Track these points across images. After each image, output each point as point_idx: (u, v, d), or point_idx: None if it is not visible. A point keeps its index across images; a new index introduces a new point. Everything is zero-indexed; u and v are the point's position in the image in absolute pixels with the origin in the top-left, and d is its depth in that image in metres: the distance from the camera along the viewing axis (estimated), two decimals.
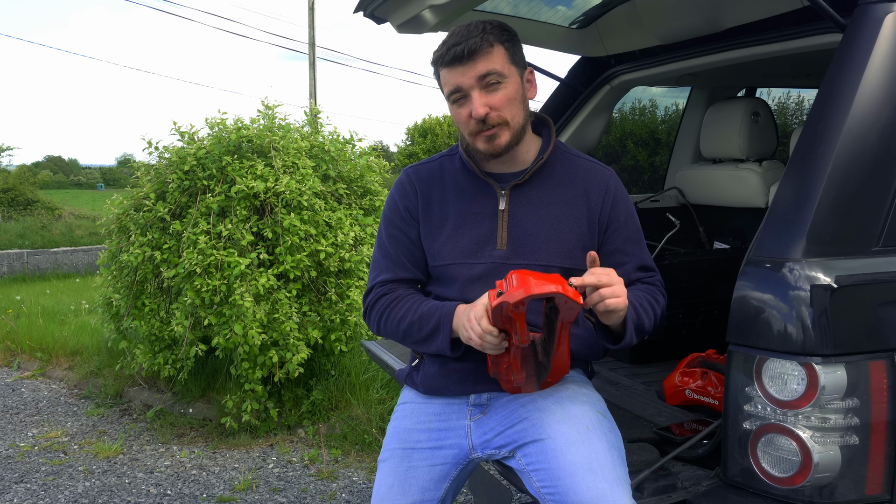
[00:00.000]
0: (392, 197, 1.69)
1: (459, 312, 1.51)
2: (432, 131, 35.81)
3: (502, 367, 1.49)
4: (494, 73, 1.50)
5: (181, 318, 3.74)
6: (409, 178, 1.68)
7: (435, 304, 1.57)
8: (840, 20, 1.60)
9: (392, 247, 1.67)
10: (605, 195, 1.62)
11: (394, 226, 1.67)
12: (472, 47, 1.48)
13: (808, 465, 1.37)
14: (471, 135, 1.55)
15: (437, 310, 1.55)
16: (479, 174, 1.62)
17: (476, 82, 1.50)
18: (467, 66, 1.49)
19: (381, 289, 1.66)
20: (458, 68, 1.50)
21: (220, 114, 4.16)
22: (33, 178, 24.89)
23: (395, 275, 1.66)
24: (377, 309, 1.64)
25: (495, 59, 1.50)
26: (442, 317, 1.53)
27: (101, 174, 78.95)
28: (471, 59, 1.49)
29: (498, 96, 1.51)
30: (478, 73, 1.49)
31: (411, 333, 1.58)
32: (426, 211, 1.64)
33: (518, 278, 1.34)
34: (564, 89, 2.92)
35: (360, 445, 3.76)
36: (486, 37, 1.49)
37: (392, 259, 1.66)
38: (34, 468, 3.64)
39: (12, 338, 6.08)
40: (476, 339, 1.42)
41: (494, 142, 1.54)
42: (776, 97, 4.30)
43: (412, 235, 1.65)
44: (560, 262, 1.57)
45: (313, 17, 19.72)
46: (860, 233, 1.46)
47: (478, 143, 1.55)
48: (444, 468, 1.59)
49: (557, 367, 1.53)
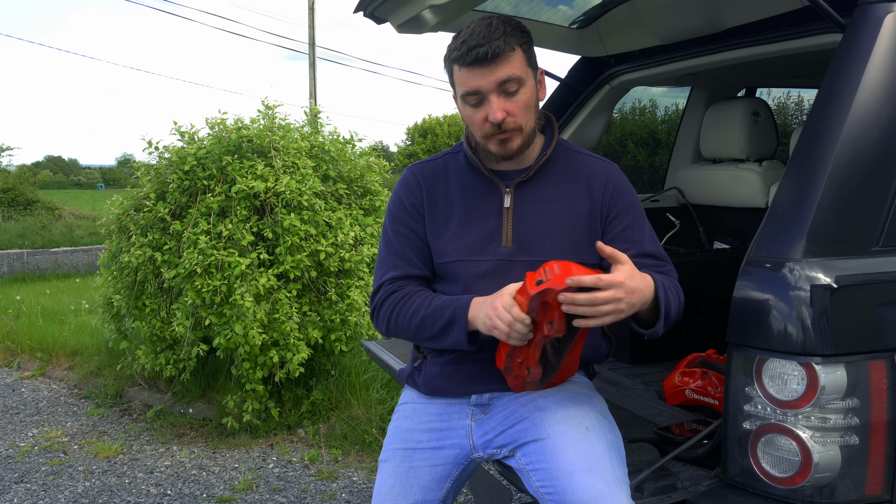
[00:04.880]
0: (397, 194, 1.68)
1: (477, 303, 1.49)
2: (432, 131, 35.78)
3: (516, 361, 1.47)
4: (514, 80, 1.48)
5: (182, 319, 3.74)
6: (414, 175, 1.68)
7: (448, 297, 1.55)
8: (840, 20, 1.60)
9: (399, 243, 1.65)
10: (606, 186, 1.61)
11: (400, 222, 1.65)
12: (496, 51, 1.45)
13: (808, 465, 1.37)
14: (484, 137, 1.55)
15: (452, 302, 1.52)
16: (483, 172, 1.62)
17: (496, 87, 1.48)
18: (488, 69, 1.47)
19: (390, 286, 1.63)
20: (478, 70, 1.47)
21: (220, 114, 4.16)
22: (33, 178, 24.87)
23: (403, 271, 1.63)
24: (387, 306, 1.61)
25: (515, 64, 1.48)
26: (457, 309, 1.50)
27: (101, 174, 78.96)
28: (493, 62, 1.46)
29: (516, 102, 1.50)
30: (499, 78, 1.47)
31: (424, 328, 1.54)
32: (431, 208, 1.63)
33: (561, 267, 1.33)
34: (564, 89, 2.92)
35: (360, 445, 3.76)
36: (509, 39, 1.47)
37: (400, 255, 1.64)
38: (34, 468, 3.64)
39: (12, 338, 6.08)
40: (504, 326, 1.37)
41: (508, 145, 1.54)
42: (776, 97, 4.30)
43: (419, 232, 1.64)
44: (565, 257, 1.56)
45: (313, 17, 19.71)
46: (860, 233, 1.46)
47: (490, 144, 1.55)
48: (445, 468, 1.59)
49: (566, 369, 1.53)
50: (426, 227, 1.63)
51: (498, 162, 1.61)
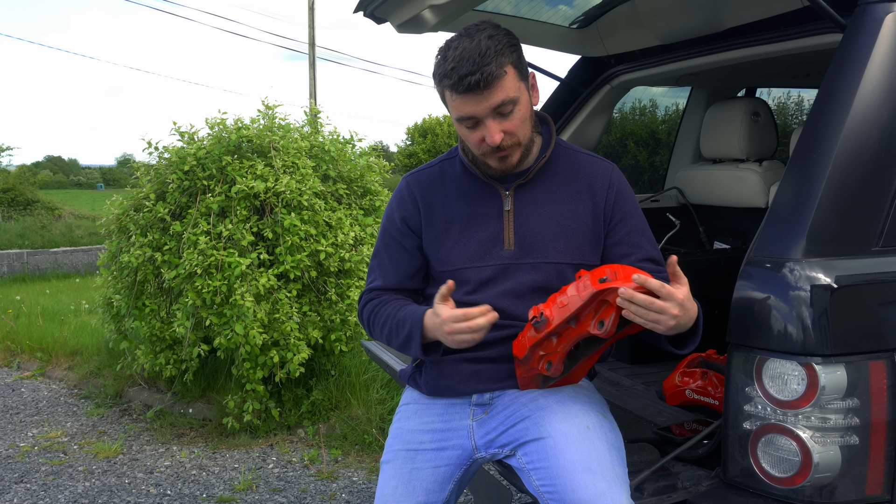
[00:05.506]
0: (390, 206, 1.71)
1: (429, 317, 1.52)
2: (432, 131, 35.79)
3: (538, 353, 1.48)
4: (509, 101, 1.47)
5: (182, 319, 3.74)
6: (409, 187, 1.68)
7: (409, 309, 1.59)
8: (840, 20, 1.61)
9: (387, 255, 1.70)
10: (609, 189, 1.62)
11: (389, 235, 1.69)
12: (488, 78, 1.42)
13: (808, 466, 1.37)
14: (483, 154, 1.55)
15: (410, 316, 1.57)
16: (481, 177, 1.62)
17: (491, 112, 1.47)
18: (482, 95, 1.44)
19: (369, 295, 1.72)
20: (471, 97, 1.45)
21: (220, 114, 4.15)
22: (33, 178, 24.86)
23: (384, 283, 1.70)
24: (365, 315, 1.72)
25: (509, 86, 1.46)
26: (413, 325, 1.55)
27: (101, 174, 78.94)
28: (487, 88, 1.43)
29: (512, 121, 1.49)
30: (493, 104, 1.45)
31: (392, 339, 1.63)
32: (429, 217, 1.64)
33: (621, 270, 1.37)
34: (564, 89, 2.92)
35: (360, 445, 3.76)
36: (500, 60, 1.43)
37: (385, 268, 1.70)
38: (34, 468, 3.64)
39: (12, 338, 6.08)
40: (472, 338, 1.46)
41: (507, 161, 1.54)
42: (776, 97, 4.30)
43: (408, 245, 1.67)
44: (568, 258, 1.57)
45: (313, 17, 19.72)
46: (860, 233, 1.46)
47: (489, 160, 1.55)
48: (447, 469, 1.59)
49: (574, 374, 1.54)
50: (424, 237, 1.65)
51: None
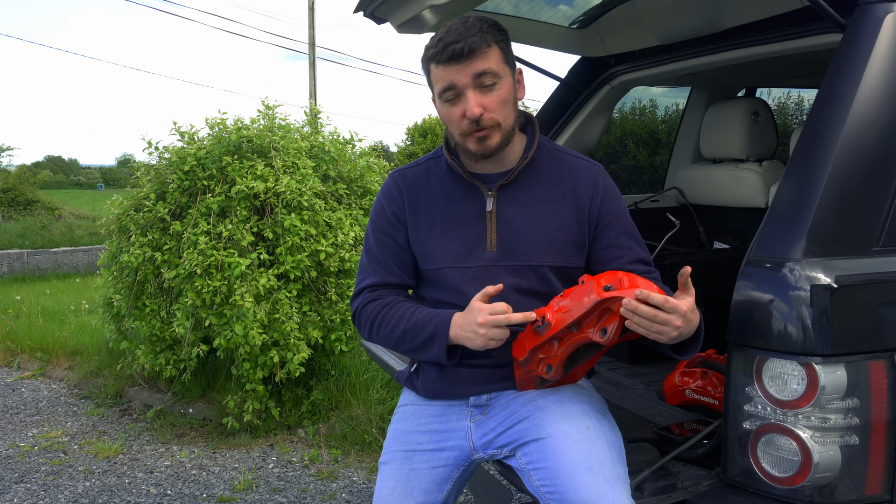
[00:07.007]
0: (379, 201, 1.69)
1: (457, 322, 1.51)
2: (432, 131, 35.75)
3: (538, 356, 1.48)
4: (490, 73, 1.48)
5: (182, 319, 3.74)
6: (396, 183, 1.67)
7: (430, 312, 1.57)
8: (840, 20, 1.61)
9: (379, 251, 1.67)
10: (594, 191, 1.60)
11: (381, 230, 1.67)
12: (472, 46, 1.46)
13: (808, 465, 1.37)
14: (462, 135, 1.54)
15: (433, 318, 1.54)
16: (464, 176, 1.61)
17: (472, 80, 1.48)
18: (464, 64, 1.47)
19: (368, 294, 1.66)
20: (454, 66, 1.48)
21: (220, 114, 4.15)
22: (33, 178, 24.87)
23: (382, 279, 1.66)
24: (366, 314, 1.65)
25: (492, 59, 1.49)
26: (438, 326, 1.53)
27: (101, 174, 78.97)
28: (469, 57, 1.47)
29: (492, 97, 1.50)
30: (474, 71, 1.48)
31: (405, 341, 1.58)
32: (414, 214, 1.63)
33: (628, 278, 1.38)
34: (564, 89, 2.92)
35: (360, 445, 3.76)
36: (484, 36, 1.48)
37: (379, 263, 1.67)
38: (34, 468, 3.64)
39: (12, 338, 6.08)
40: (501, 338, 1.46)
41: (486, 143, 1.52)
42: (776, 97, 4.29)
43: (399, 240, 1.65)
44: (551, 260, 1.56)
45: (313, 17, 19.72)
46: (860, 233, 1.46)
47: (468, 143, 1.53)
48: (445, 470, 1.59)
49: (572, 377, 1.54)
50: (409, 234, 1.64)
51: (478, 162, 1.59)
